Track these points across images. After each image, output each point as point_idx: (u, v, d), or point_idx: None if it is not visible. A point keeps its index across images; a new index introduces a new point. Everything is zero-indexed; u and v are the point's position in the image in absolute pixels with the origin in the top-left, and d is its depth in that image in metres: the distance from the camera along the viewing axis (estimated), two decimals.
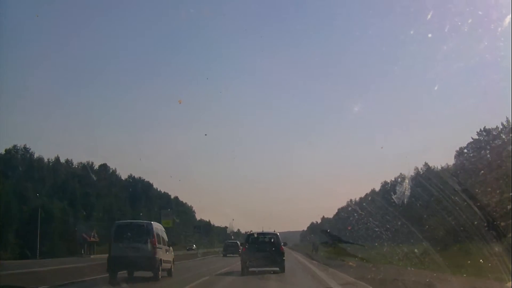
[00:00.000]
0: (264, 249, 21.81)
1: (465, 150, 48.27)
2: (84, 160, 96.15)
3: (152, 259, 17.53)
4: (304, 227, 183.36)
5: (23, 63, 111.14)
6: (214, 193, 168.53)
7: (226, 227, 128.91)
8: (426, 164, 72.17)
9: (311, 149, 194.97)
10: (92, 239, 64.00)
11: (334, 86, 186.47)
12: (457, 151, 50.63)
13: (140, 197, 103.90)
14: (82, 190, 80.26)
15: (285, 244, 24.78)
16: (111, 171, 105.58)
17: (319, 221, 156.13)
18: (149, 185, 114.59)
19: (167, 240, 20.17)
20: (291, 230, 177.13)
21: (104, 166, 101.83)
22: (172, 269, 20.42)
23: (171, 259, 20.25)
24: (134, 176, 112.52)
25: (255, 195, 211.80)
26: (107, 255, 17.99)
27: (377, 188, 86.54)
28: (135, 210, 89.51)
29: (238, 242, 52.15)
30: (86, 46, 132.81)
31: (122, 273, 18.85)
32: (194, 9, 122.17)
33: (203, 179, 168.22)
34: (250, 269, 21.44)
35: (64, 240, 58.69)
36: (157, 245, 17.96)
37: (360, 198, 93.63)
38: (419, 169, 71.21)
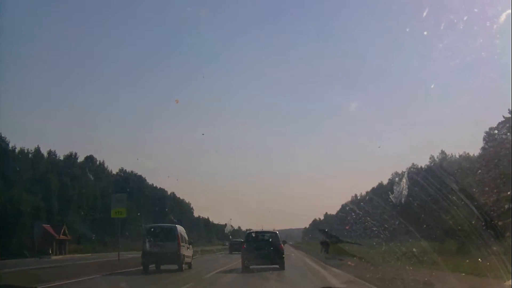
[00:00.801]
0: (263, 247, 22.07)
1: (496, 131, 43.63)
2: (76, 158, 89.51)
3: (177, 254, 21.80)
4: (306, 224, 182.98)
5: (20, 60, 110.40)
6: (214, 190, 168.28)
7: (226, 224, 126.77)
8: (442, 151, 68.95)
9: (312, 146, 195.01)
10: (62, 236, 57.13)
11: (332, 81, 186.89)
12: (486, 133, 45.83)
13: (131, 192, 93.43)
14: (61, 183, 73.18)
15: (284, 243, 25.41)
16: (98, 163, 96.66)
17: (322, 217, 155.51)
18: (141, 180, 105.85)
19: (187, 239, 24.39)
20: (293, 227, 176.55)
21: (90, 158, 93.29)
22: (192, 263, 24.59)
23: (191, 255, 24.59)
24: (125, 170, 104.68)
25: (256, 192, 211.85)
26: (84, 254, 19.23)
27: (385, 182, 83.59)
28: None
29: (242, 240, 52.70)
30: (83, 46, 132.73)
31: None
32: (192, 8, 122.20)
33: (202, 176, 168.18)
34: (251, 267, 21.63)
35: (34, 238, 53.42)
36: (181, 244, 22.24)
37: (367, 192, 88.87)
38: (435, 157, 68.44)
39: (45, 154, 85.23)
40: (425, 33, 31.51)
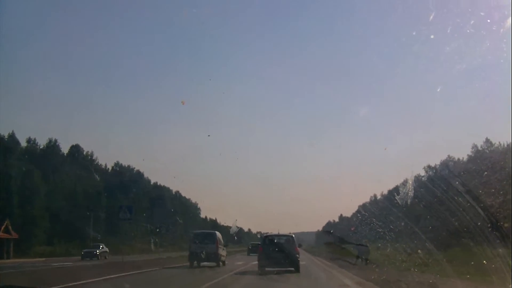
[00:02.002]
0: (279, 250, 22.41)
1: None
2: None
3: (216, 254, 27.85)
4: (319, 227, 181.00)
5: (24, 61, 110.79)
6: (224, 193, 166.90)
7: (236, 226, 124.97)
8: (487, 140, 64.07)
9: (325, 147, 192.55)
10: (2, 235, 45.96)
11: (340, 83, 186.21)
12: None
13: (126, 188, 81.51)
14: (28, 174, 61.99)
15: (300, 246, 25.92)
16: (85, 153, 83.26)
17: (336, 219, 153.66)
18: (139, 175, 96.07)
19: (223, 242, 30.97)
20: (306, 230, 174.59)
21: (76, 148, 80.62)
22: (225, 260, 30.86)
23: (225, 254, 30.94)
24: (121, 164, 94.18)
25: (267, 195, 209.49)
26: (34, 259, 19.26)
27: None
28: (112, 203, 69.39)
29: (259, 243, 51.97)
30: (89, 46, 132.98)
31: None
32: (197, 9, 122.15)
33: (211, 177, 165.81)
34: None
35: None
36: (219, 246, 28.49)
37: (389, 191, 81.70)
38: (479, 147, 64.51)
39: (24, 143, 74.93)
40: (432, 36, 31.35)
